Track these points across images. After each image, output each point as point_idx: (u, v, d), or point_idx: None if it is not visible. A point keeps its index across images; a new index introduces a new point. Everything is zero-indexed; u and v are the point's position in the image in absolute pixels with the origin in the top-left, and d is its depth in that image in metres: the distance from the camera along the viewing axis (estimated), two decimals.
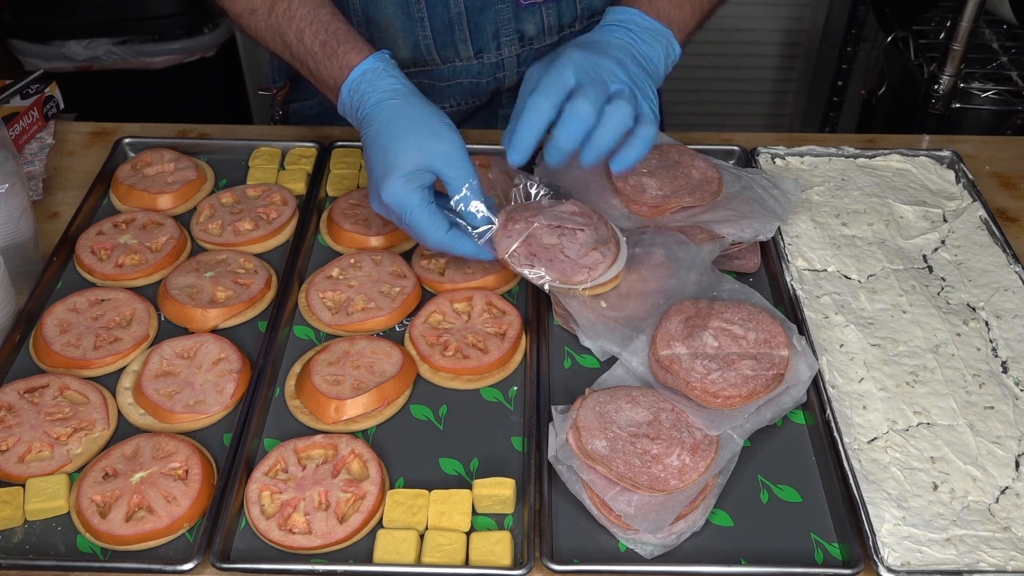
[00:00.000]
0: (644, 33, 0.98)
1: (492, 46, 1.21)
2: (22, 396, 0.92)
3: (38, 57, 2.27)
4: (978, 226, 1.14)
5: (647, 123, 0.91)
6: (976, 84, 1.72)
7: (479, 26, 1.19)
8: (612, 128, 0.88)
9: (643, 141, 0.90)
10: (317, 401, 0.91)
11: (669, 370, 0.89)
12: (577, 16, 1.22)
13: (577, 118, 0.87)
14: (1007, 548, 0.81)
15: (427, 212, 0.90)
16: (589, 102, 0.87)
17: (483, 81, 1.25)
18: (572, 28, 1.23)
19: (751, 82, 2.82)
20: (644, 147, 0.90)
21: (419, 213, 0.90)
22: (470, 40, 1.19)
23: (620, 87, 0.90)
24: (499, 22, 1.19)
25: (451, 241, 0.91)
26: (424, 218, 0.90)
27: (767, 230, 1.05)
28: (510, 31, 1.20)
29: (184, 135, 1.29)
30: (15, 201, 1.03)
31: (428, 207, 0.91)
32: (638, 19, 0.99)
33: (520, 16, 1.19)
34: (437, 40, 1.19)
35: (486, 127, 1.32)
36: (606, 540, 0.83)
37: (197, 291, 1.02)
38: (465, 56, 1.21)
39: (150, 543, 0.81)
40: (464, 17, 1.17)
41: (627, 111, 0.88)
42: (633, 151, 0.90)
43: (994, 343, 0.99)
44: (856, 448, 0.88)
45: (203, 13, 2.31)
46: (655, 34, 0.99)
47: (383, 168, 0.91)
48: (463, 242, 0.92)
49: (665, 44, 0.99)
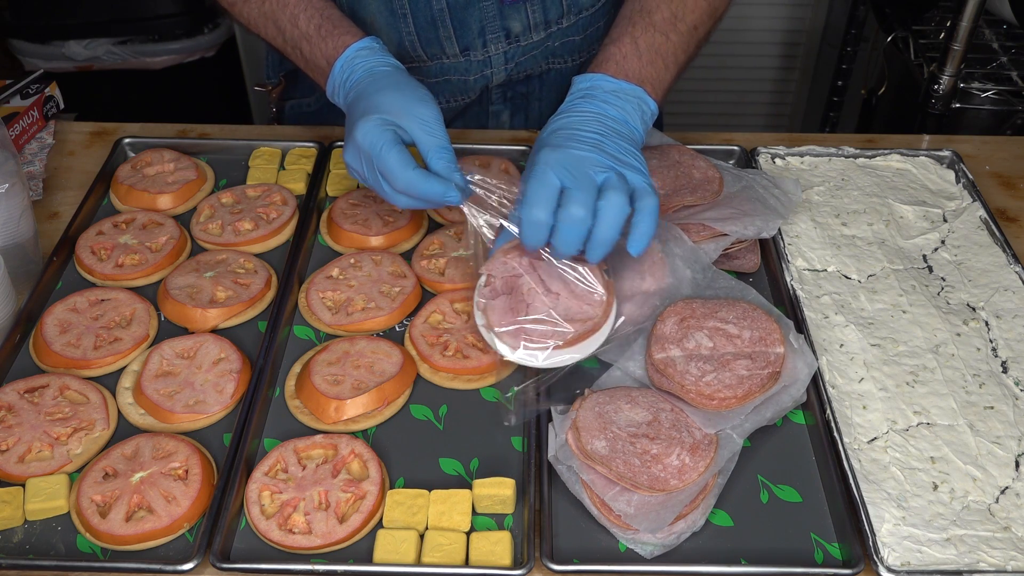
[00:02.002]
0: (611, 97, 0.95)
1: (478, 43, 1.21)
2: (22, 396, 0.92)
3: (38, 57, 2.27)
4: (978, 226, 1.14)
5: (646, 196, 0.88)
6: (976, 84, 1.72)
7: (464, 23, 1.18)
8: (609, 224, 0.86)
9: (649, 215, 0.88)
10: (317, 401, 0.91)
11: (664, 374, 0.89)
12: (563, 13, 1.22)
13: (572, 225, 0.85)
14: (1007, 548, 0.81)
15: (397, 150, 0.90)
16: (580, 206, 0.85)
17: (471, 79, 1.24)
18: (559, 24, 1.23)
19: (751, 82, 2.82)
20: (652, 220, 0.88)
21: (389, 151, 0.89)
22: (455, 37, 1.19)
23: (606, 175, 0.88)
24: (484, 19, 1.18)
25: (418, 179, 0.89)
26: (394, 155, 0.89)
27: (769, 227, 1.05)
28: (496, 28, 1.20)
29: (184, 135, 1.29)
30: (15, 201, 1.03)
31: (399, 146, 0.90)
32: (603, 83, 0.96)
33: (505, 13, 1.19)
34: (421, 37, 1.19)
35: (477, 125, 1.32)
36: (606, 540, 0.83)
37: (197, 291, 1.02)
38: (451, 53, 1.21)
39: (150, 543, 0.81)
40: (447, 14, 1.17)
41: (620, 201, 0.86)
42: (644, 228, 0.88)
43: (994, 343, 0.99)
44: (856, 448, 0.88)
45: (203, 13, 2.31)
46: (624, 95, 0.96)
47: (363, 111, 0.92)
48: (430, 182, 0.89)
49: (637, 103, 0.96)
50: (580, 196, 0.85)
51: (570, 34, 1.25)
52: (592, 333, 0.90)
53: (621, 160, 0.90)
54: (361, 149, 0.91)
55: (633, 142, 0.94)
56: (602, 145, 0.90)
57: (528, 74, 1.27)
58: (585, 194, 0.85)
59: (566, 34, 1.24)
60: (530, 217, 0.86)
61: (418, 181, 0.88)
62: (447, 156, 0.90)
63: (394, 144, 0.89)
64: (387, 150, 0.89)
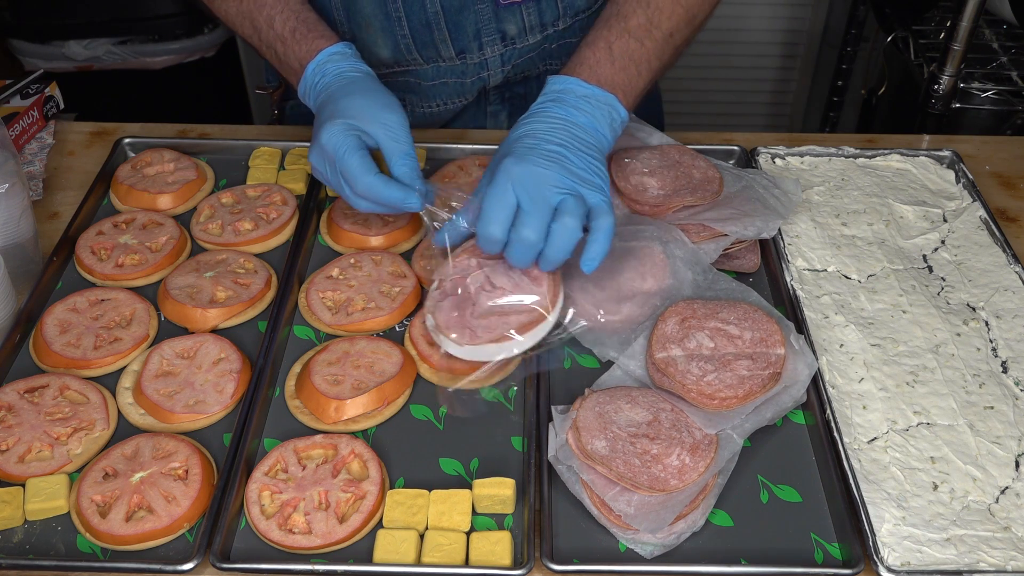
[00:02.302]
0: (582, 103, 0.96)
1: (474, 46, 1.21)
2: (22, 396, 0.92)
3: (38, 57, 2.27)
4: (978, 226, 1.14)
5: (602, 215, 0.90)
6: (976, 84, 1.72)
7: (459, 26, 1.18)
8: (559, 247, 0.89)
9: (604, 234, 0.90)
10: (317, 401, 0.91)
11: (665, 373, 0.89)
12: (559, 15, 1.21)
13: (523, 247, 0.89)
14: (1007, 548, 0.81)
15: (359, 155, 0.93)
16: (532, 230, 0.88)
17: (468, 81, 1.25)
18: (555, 27, 1.22)
19: (751, 82, 2.82)
20: (606, 239, 0.90)
21: (351, 155, 0.93)
22: (450, 40, 1.19)
23: (563, 197, 0.89)
24: (480, 22, 1.18)
25: (378, 184, 0.92)
26: (356, 160, 0.93)
27: (770, 228, 1.05)
28: (491, 31, 1.20)
29: (184, 135, 1.29)
30: (15, 201, 1.03)
31: (361, 151, 0.94)
32: (576, 87, 0.97)
33: (501, 16, 1.19)
34: (416, 39, 1.19)
35: (475, 125, 1.33)
36: (606, 540, 0.83)
37: (197, 291, 1.02)
38: (447, 56, 1.21)
39: (150, 543, 0.81)
40: (441, 17, 1.17)
41: (573, 225, 0.88)
42: (597, 248, 0.90)
43: (994, 343, 0.99)
44: (856, 448, 0.88)
45: (203, 13, 2.31)
46: (594, 101, 0.96)
47: (330, 115, 0.96)
48: (390, 188, 0.93)
49: (607, 110, 0.97)
50: (533, 221, 0.88)
51: (567, 36, 1.24)
52: (536, 324, 0.91)
53: (582, 178, 0.91)
54: (325, 152, 0.95)
55: (599, 151, 0.95)
56: (565, 160, 0.91)
57: (526, 76, 1.27)
58: (538, 218, 0.88)
59: (563, 36, 1.24)
60: (485, 233, 0.89)
61: (378, 186, 0.92)
62: (410, 163, 0.94)
63: (356, 149, 0.93)
64: (349, 155, 0.93)
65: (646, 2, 1.01)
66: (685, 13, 1.03)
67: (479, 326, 0.91)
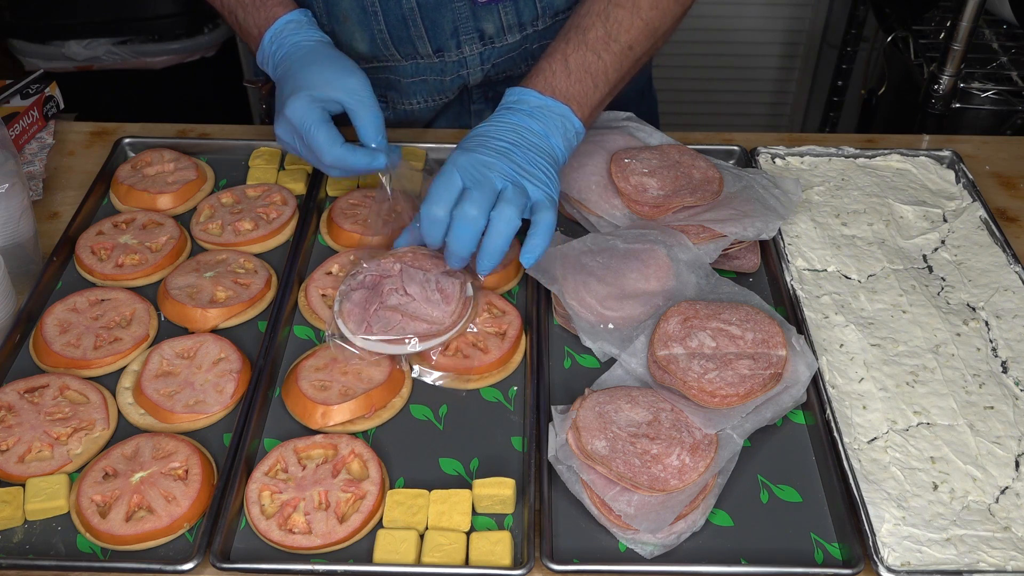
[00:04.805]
0: (537, 112, 0.98)
1: (452, 44, 1.21)
2: (22, 396, 0.92)
3: (38, 57, 2.27)
4: (978, 226, 1.14)
5: (543, 209, 0.93)
6: (976, 84, 1.73)
7: (436, 23, 1.18)
8: (497, 233, 0.91)
9: (545, 228, 0.93)
10: (304, 406, 0.91)
11: (666, 370, 0.89)
12: (538, 15, 1.21)
13: (465, 223, 0.91)
14: (1007, 548, 0.81)
15: (325, 128, 0.96)
16: (475, 206, 0.90)
17: (447, 79, 1.25)
18: (534, 27, 1.22)
19: (751, 82, 2.82)
20: (546, 234, 0.93)
21: (318, 129, 0.96)
22: (427, 37, 1.19)
23: (505, 185, 0.92)
24: (457, 20, 1.18)
25: (345, 154, 0.96)
26: (323, 134, 0.96)
27: (769, 229, 1.05)
28: (469, 29, 1.20)
29: (184, 135, 1.29)
30: (15, 201, 1.03)
31: (327, 124, 0.97)
32: (530, 98, 0.99)
33: (478, 14, 1.18)
34: (392, 35, 1.19)
35: (460, 124, 1.32)
36: (606, 540, 0.83)
37: (197, 291, 1.02)
38: (425, 53, 1.21)
39: (150, 543, 0.81)
40: (417, 14, 1.17)
41: (511, 213, 0.91)
42: (536, 241, 0.93)
43: (994, 343, 1.00)
44: (856, 448, 0.88)
45: (203, 13, 2.31)
46: (548, 112, 0.98)
47: (292, 88, 0.99)
48: (356, 155, 0.96)
49: (561, 120, 0.99)
50: (476, 196, 0.91)
51: (547, 36, 1.24)
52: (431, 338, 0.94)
53: (526, 171, 0.94)
54: (292, 126, 0.98)
55: (549, 156, 0.97)
56: (510, 154, 0.95)
57: (508, 75, 1.27)
58: (482, 195, 0.91)
59: (543, 36, 1.23)
60: (428, 213, 0.92)
61: (345, 155, 0.96)
62: (376, 121, 0.98)
63: (323, 123, 0.96)
64: (316, 128, 0.96)
65: (605, 15, 1.02)
66: (645, 26, 1.04)
67: (376, 321, 0.95)
